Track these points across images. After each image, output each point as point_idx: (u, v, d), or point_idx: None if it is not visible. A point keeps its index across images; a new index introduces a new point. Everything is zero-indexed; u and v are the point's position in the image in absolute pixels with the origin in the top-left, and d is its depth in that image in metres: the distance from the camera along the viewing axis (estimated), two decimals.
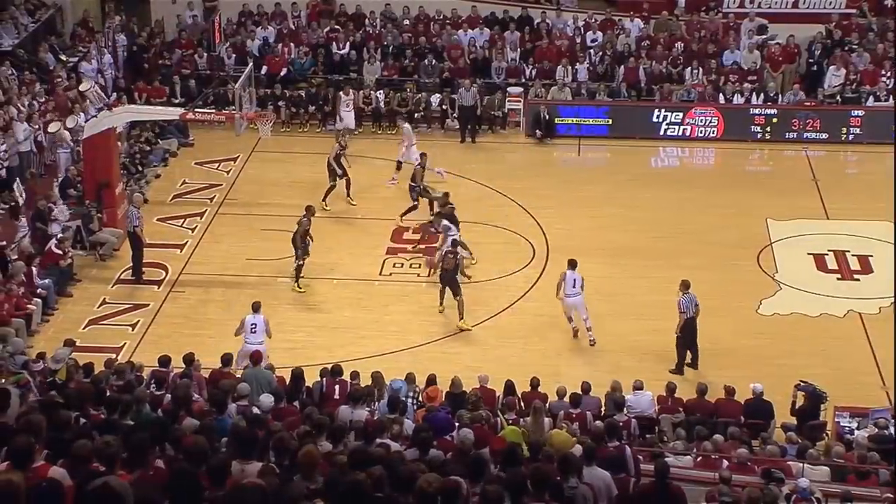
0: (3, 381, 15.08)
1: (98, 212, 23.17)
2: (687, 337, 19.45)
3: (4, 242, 21.71)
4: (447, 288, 20.95)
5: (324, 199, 24.65)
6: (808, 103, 29.13)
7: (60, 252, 21.90)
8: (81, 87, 27.81)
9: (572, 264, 20.29)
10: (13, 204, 23.19)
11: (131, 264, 22.44)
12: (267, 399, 14.55)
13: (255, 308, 19.07)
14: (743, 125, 28.84)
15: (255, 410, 13.79)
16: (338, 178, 24.90)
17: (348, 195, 25.16)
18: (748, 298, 21.76)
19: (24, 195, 23.57)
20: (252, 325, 18.75)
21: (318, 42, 31.06)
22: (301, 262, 21.81)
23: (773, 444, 15.84)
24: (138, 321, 21.08)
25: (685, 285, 19.42)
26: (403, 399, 15.81)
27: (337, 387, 16.57)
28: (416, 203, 24.37)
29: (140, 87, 29.84)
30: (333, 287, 22.23)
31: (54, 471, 8.10)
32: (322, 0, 32.08)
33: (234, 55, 30.70)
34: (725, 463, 14.45)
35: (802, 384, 17.47)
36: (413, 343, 20.35)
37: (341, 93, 28.41)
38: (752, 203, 25.36)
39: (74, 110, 26.51)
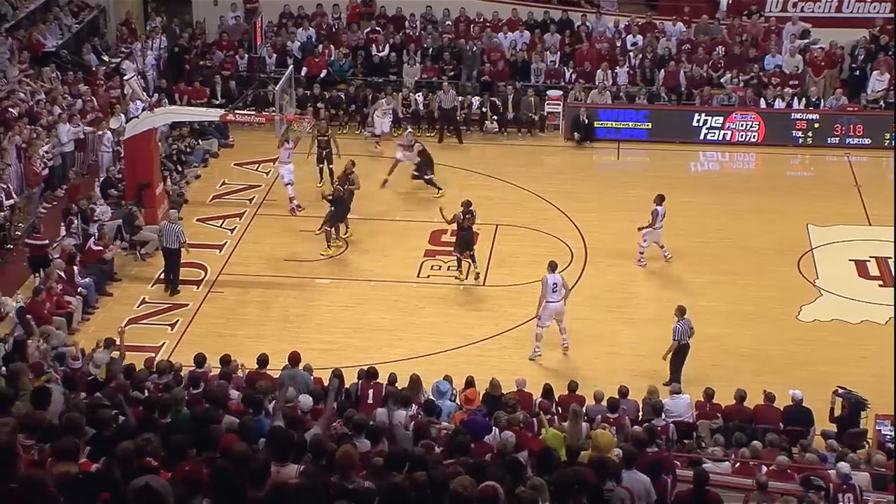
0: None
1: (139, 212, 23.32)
2: (679, 361, 18.88)
3: (47, 241, 21.91)
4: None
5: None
6: (851, 108, 28.88)
7: (100, 248, 22.04)
8: (125, 77, 28.12)
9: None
10: (55, 204, 23.40)
11: (164, 278, 22.14)
12: (307, 400, 14.56)
13: (552, 268, 19.71)
14: (784, 130, 28.60)
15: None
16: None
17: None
18: (788, 304, 21.60)
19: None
20: (553, 284, 19.48)
21: (357, 44, 31.12)
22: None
23: (813, 452, 15.71)
24: (177, 321, 21.20)
25: (681, 311, 18.95)
26: (440, 403, 15.75)
27: (371, 390, 16.41)
28: None
29: (181, 89, 30.00)
30: (371, 289, 22.24)
31: (96, 468, 8.17)
32: (362, 2, 32.16)
33: (274, 56, 30.84)
34: (764, 469, 14.33)
35: (841, 391, 17.32)
36: (449, 345, 20.35)
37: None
38: (793, 208, 25.19)
39: (116, 111, 26.74)
